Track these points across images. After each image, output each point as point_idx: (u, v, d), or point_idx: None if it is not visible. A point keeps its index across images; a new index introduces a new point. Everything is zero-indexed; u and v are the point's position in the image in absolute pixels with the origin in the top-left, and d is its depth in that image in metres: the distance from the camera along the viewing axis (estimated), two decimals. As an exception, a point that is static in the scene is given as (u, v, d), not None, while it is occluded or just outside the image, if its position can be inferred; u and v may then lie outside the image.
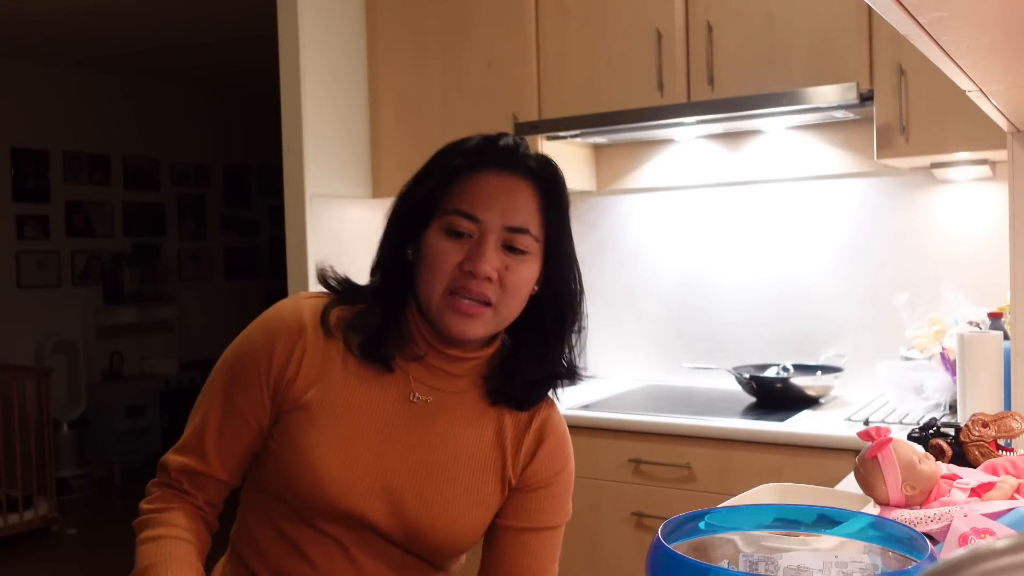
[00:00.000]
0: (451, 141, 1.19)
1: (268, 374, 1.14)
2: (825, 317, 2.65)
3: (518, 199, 1.12)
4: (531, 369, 1.19)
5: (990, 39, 0.90)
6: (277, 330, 1.15)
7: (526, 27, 2.74)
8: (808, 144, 2.65)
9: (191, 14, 4.75)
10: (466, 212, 1.11)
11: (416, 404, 1.17)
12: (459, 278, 1.10)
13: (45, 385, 4.73)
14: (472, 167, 1.13)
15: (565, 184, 1.18)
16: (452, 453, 1.16)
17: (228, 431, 1.16)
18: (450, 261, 1.10)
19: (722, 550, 1.00)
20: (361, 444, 1.13)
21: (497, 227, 1.11)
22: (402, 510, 1.13)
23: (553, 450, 1.22)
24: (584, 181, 2.93)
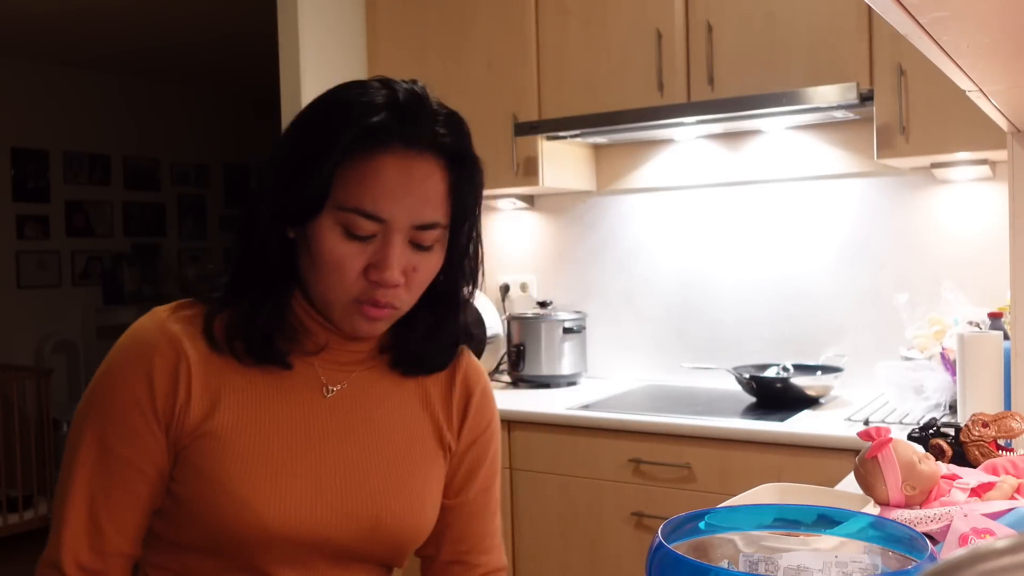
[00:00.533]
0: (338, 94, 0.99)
1: (153, 407, 0.96)
2: (825, 317, 2.65)
3: (427, 187, 0.96)
4: (421, 339, 1.07)
5: (990, 39, 0.90)
6: (147, 353, 0.98)
7: (526, 27, 2.74)
8: (808, 144, 2.65)
9: (191, 14, 4.75)
10: (369, 212, 0.93)
11: (332, 397, 1.04)
12: (366, 288, 0.96)
13: (45, 385, 4.73)
14: (372, 147, 0.93)
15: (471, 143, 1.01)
16: (386, 434, 1.06)
17: (120, 492, 0.97)
18: (353, 268, 0.95)
19: (722, 550, 1.00)
20: (287, 456, 0.99)
21: (404, 227, 0.95)
22: (356, 512, 1.02)
23: (480, 401, 1.14)
24: (584, 181, 2.93)
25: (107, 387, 1.00)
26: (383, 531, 1.03)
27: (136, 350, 0.99)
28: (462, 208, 1.00)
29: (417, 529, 1.07)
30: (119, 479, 0.97)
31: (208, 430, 0.98)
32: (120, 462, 0.97)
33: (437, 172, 0.97)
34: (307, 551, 1.00)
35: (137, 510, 0.99)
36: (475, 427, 1.14)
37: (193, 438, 0.98)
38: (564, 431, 2.41)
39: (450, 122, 0.99)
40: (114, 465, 0.98)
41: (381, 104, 0.95)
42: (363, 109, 0.94)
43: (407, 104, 0.96)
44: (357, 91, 0.98)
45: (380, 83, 0.99)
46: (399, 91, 0.97)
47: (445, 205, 0.98)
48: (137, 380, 0.98)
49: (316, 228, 0.95)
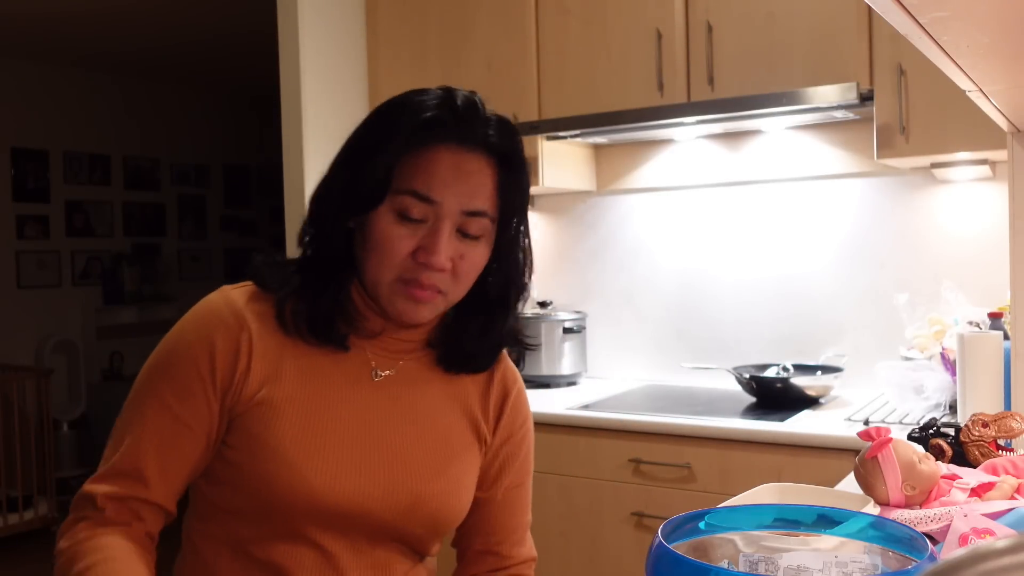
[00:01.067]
0: (400, 97, 1.08)
1: (212, 373, 1.03)
2: (825, 317, 2.65)
3: (476, 179, 1.04)
4: (473, 339, 1.14)
5: (990, 39, 0.90)
6: (214, 325, 1.05)
7: (526, 27, 2.74)
8: (808, 144, 2.65)
9: (191, 14, 4.75)
10: (423, 194, 1.01)
11: (380, 380, 1.11)
12: (412, 268, 1.03)
13: (45, 385, 4.73)
14: (429, 140, 1.03)
15: (522, 149, 1.10)
16: (428, 420, 1.12)
17: (169, 446, 1.03)
18: (403, 249, 1.02)
19: (722, 550, 1.00)
20: (335, 430, 1.06)
21: (454, 211, 1.03)
22: (399, 487, 1.08)
23: (516, 401, 1.21)
24: (584, 181, 2.93)
25: (171, 350, 1.06)
26: (421, 509, 1.09)
27: (202, 320, 1.06)
28: (509, 205, 1.07)
29: (452, 511, 1.13)
30: (170, 434, 1.03)
31: (264, 399, 1.04)
32: (174, 419, 1.03)
33: (487, 168, 1.05)
34: (349, 522, 1.05)
35: (181, 467, 1.04)
36: (510, 425, 1.20)
37: (249, 406, 1.04)
38: (564, 431, 2.41)
39: (501, 126, 1.08)
40: (168, 420, 1.03)
41: (439, 104, 1.04)
42: (422, 107, 1.04)
43: (463, 107, 1.05)
44: (418, 94, 1.07)
45: (442, 90, 1.08)
46: (457, 96, 1.06)
47: (493, 199, 1.06)
48: (200, 347, 1.04)
49: (375, 215, 1.03)
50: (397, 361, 1.12)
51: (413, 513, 1.09)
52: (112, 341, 6.09)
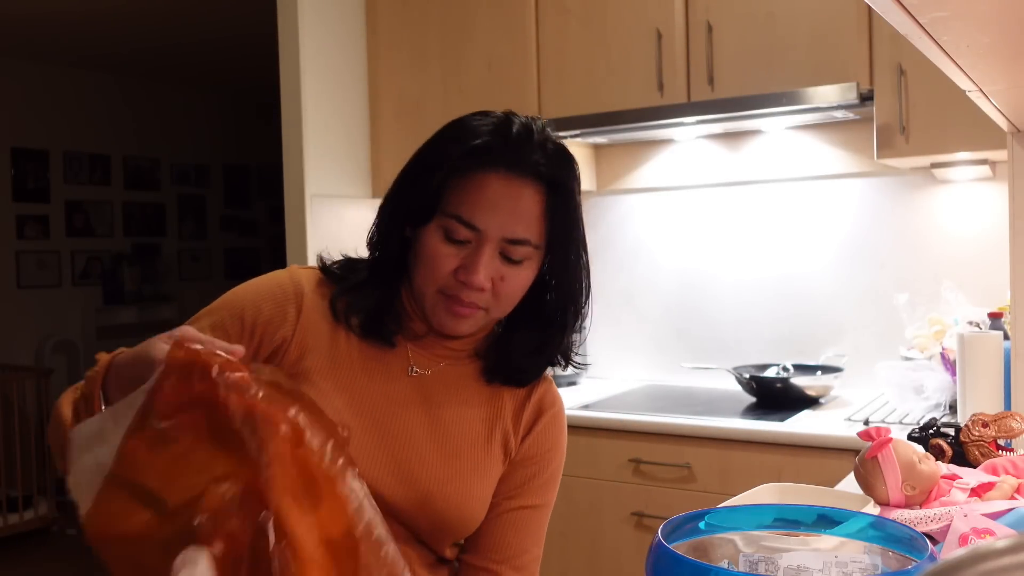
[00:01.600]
0: (462, 119, 1.14)
1: (254, 326, 1.09)
2: (825, 317, 2.65)
3: (521, 207, 1.07)
4: (524, 355, 1.18)
5: (990, 39, 0.90)
6: (272, 291, 1.12)
7: (526, 27, 2.74)
8: (808, 144, 2.65)
9: (191, 14, 4.75)
10: (466, 220, 1.06)
11: (415, 377, 1.15)
12: (453, 285, 1.08)
13: (45, 385, 4.73)
14: (478, 166, 1.07)
15: (577, 179, 1.13)
16: (455, 425, 1.15)
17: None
18: (446, 266, 1.08)
19: (722, 550, 1.00)
20: (360, 412, 1.10)
21: (496, 238, 1.07)
22: (411, 480, 1.10)
23: (549, 423, 1.22)
24: (584, 181, 2.90)
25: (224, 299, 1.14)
26: (431, 507, 1.11)
27: (262, 283, 1.14)
28: (556, 231, 1.10)
29: (462, 515, 1.14)
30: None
31: (302, 369, 1.09)
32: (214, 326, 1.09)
33: (534, 196, 1.08)
34: None
35: None
36: (537, 444, 1.20)
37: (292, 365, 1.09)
38: (576, 432, 2.41)
39: (556, 154, 1.11)
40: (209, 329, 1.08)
41: (493, 130, 1.09)
42: (475, 132, 1.09)
43: (517, 133, 1.09)
44: (477, 117, 1.12)
45: (503, 114, 1.13)
46: (514, 123, 1.11)
47: (539, 226, 1.09)
48: (249, 304, 1.11)
49: (425, 231, 1.09)
50: (437, 364, 1.17)
51: (423, 509, 1.11)
52: (112, 341, 6.07)
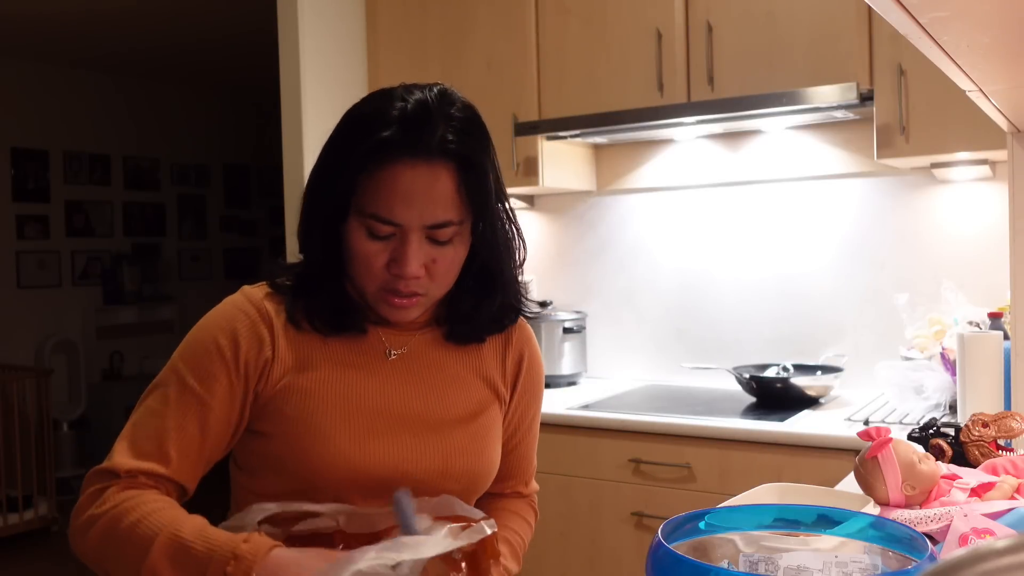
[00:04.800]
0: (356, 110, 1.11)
1: (236, 358, 1.08)
2: (825, 317, 2.65)
3: (436, 191, 1.04)
4: (476, 315, 1.20)
5: (990, 39, 0.90)
6: (237, 316, 1.11)
7: (526, 27, 2.74)
8: (808, 144, 2.65)
9: (191, 14, 4.75)
10: (384, 218, 1.04)
11: (394, 359, 1.16)
12: (388, 280, 1.08)
13: (45, 385, 4.73)
14: (384, 161, 1.04)
15: (487, 138, 1.12)
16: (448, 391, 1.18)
17: (190, 426, 1.07)
18: (377, 263, 1.07)
19: (722, 550, 1.00)
20: (361, 405, 1.12)
21: (417, 227, 1.05)
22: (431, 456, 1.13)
23: (532, 362, 1.28)
24: (584, 181, 2.93)
25: (195, 340, 1.11)
26: (453, 467, 1.14)
27: (226, 313, 1.12)
28: (476, 203, 1.08)
29: (483, 466, 1.19)
30: (192, 415, 1.07)
31: (292, 384, 1.10)
32: (197, 401, 1.07)
33: (445, 174, 1.05)
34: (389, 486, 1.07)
35: (202, 448, 1.08)
36: (528, 382, 1.28)
37: (278, 391, 1.10)
38: (564, 431, 2.41)
39: (461, 124, 1.07)
40: (190, 402, 1.07)
41: (393, 117, 1.04)
42: (376, 125, 1.05)
43: (415, 116, 1.04)
44: (375, 105, 1.08)
45: (401, 92, 1.08)
46: (410, 102, 1.06)
47: (457, 203, 1.07)
48: (223, 336, 1.09)
49: (347, 228, 1.08)
50: (409, 339, 1.18)
51: (447, 472, 1.14)
52: (112, 341, 6.09)
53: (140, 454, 1.06)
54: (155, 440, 1.06)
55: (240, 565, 0.95)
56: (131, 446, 1.07)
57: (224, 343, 1.09)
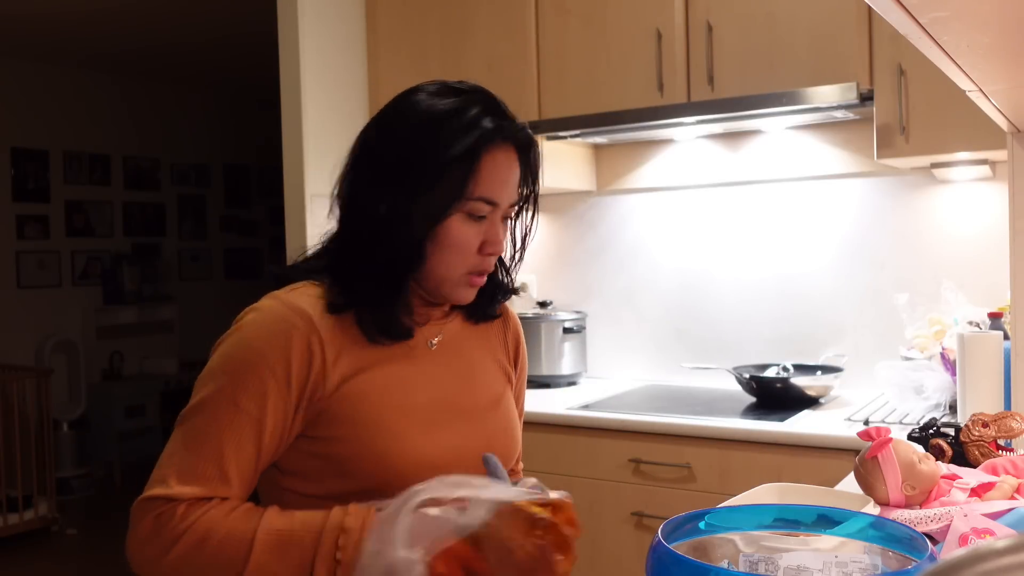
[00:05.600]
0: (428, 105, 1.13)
1: (288, 375, 1.07)
2: (825, 317, 2.65)
3: (516, 174, 1.15)
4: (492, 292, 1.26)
5: (990, 39, 0.90)
6: (283, 331, 1.08)
7: (526, 27, 2.74)
8: (808, 144, 2.65)
9: (192, 14, 4.75)
10: (488, 198, 1.12)
11: (434, 349, 1.20)
12: (478, 261, 1.14)
13: (45, 385, 4.73)
14: (487, 145, 1.11)
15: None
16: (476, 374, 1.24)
17: (246, 446, 1.06)
18: (474, 245, 1.13)
19: (722, 550, 1.00)
20: (415, 398, 1.15)
21: (506, 207, 1.15)
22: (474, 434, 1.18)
23: (521, 338, 1.36)
24: (584, 181, 2.93)
25: (241, 359, 1.08)
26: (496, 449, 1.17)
27: (271, 327, 1.09)
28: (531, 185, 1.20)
29: (515, 443, 1.27)
30: (248, 435, 1.06)
31: (349, 389, 1.10)
32: (251, 421, 1.06)
33: (516, 159, 1.15)
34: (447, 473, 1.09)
35: (258, 464, 1.08)
36: (522, 360, 1.36)
37: (335, 398, 1.10)
38: (564, 431, 2.41)
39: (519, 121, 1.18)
40: (245, 423, 1.06)
41: (479, 109, 1.12)
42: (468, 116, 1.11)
43: (495, 106, 1.15)
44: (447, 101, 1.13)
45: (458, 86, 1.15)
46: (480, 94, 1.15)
47: (520, 184, 1.18)
48: (272, 351, 1.07)
49: (450, 220, 1.12)
50: (442, 327, 1.22)
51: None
52: (112, 341, 6.09)
53: (200, 479, 1.04)
54: (215, 463, 1.04)
55: (350, 537, 0.98)
56: (189, 471, 1.04)
57: (274, 359, 1.07)
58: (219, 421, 1.06)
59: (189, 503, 1.03)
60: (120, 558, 1.14)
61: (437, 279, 1.14)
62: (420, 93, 1.15)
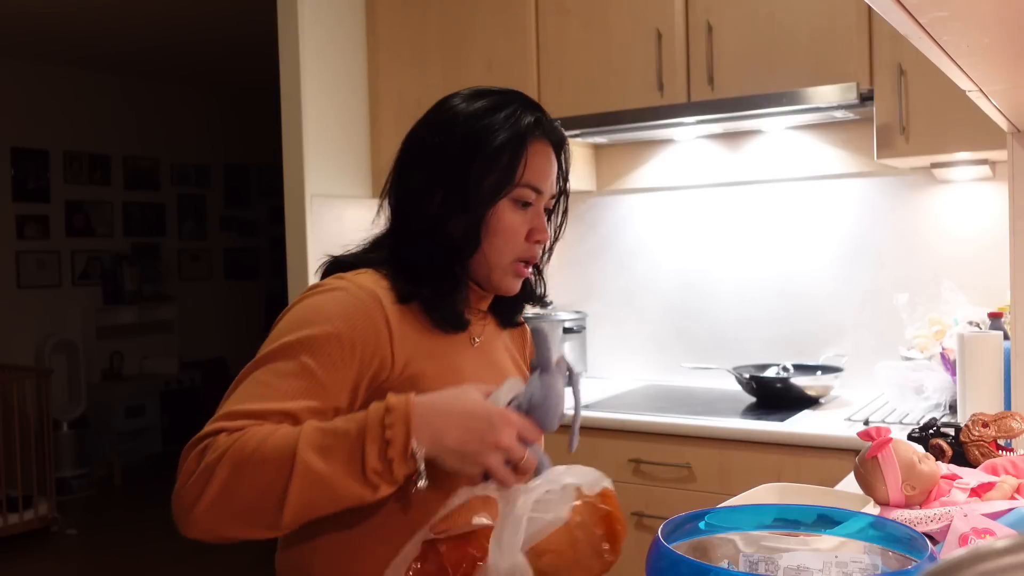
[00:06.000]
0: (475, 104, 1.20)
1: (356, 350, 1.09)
2: (825, 317, 2.65)
3: (554, 168, 1.23)
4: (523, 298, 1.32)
5: (990, 39, 0.90)
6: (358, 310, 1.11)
7: (526, 27, 2.74)
8: (808, 144, 2.65)
9: (192, 14, 4.75)
10: (535, 186, 1.19)
11: (477, 346, 1.26)
12: (525, 249, 1.20)
13: (45, 385, 4.73)
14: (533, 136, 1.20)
15: None
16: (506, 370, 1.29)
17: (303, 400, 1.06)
18: (521, 232, 1.20)
19: (722, 550, 1.00)
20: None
21: (548, 195, 1.22)
22: None
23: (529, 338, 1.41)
24: (584, 181, 2.93)
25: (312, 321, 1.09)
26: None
27: (346, 303, 1.11)
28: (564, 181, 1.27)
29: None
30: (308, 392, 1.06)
31: (410, 373, 1.14)
32: (313, 379, 1.07)
33: (553, 154, 1.24)
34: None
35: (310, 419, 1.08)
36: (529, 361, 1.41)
37: (401, 381, 1.13)
38: (564, 431, 2.40)
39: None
40: (307, 379, 1.06)
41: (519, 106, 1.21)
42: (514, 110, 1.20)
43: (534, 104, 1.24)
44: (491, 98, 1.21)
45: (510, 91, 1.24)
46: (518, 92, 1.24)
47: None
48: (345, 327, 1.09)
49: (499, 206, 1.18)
50: (483, 327, 1.29)
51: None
52: (112, 341, 6.09)
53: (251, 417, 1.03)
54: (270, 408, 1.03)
55: (396, 413, 0.98)
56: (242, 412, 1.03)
57: (346, 332, 1.09)
58: (280, 373, 1.06)
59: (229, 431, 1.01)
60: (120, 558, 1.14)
61: (488, 267, 1.20)
62: (459, 95, 1.23)
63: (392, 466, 0.98)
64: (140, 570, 4.00)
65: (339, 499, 0.99)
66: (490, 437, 0.99)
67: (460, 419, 1.00)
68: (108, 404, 5.73)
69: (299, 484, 0.96)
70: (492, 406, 1.02)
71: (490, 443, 1.00)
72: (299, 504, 0.97)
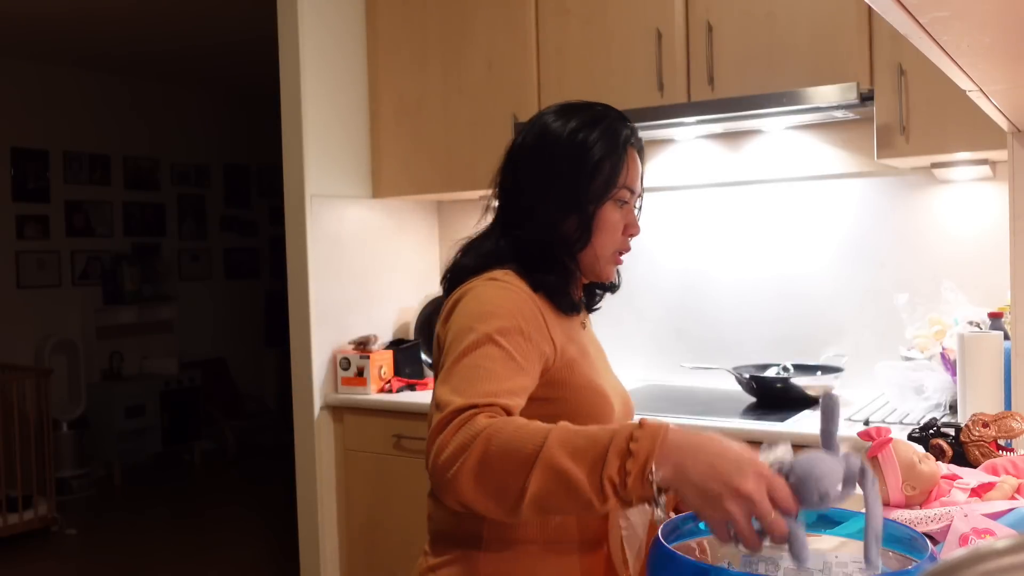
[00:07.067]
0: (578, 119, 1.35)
1: (534, 339, 1.22)
2: (825, 317, 2.65)
3: (641, 172, 1.41)
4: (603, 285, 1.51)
5: (990, 39, 0.90)
6: (528, 305, 1.25)
7: (526, 27, 2.74)
8: (808, 144, 2.65)
9: (192, 14, 4.76)
10: (631, 188, 1.37)
11: (585, 328, 1.44)
12: (623, 241, 1.39)
13: (45, 385, 4.73)
14: (629, 145, 1.37)
15: None
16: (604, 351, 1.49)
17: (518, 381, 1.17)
18: (620, 228, 1.37)
19: (722, 550, 1.00)
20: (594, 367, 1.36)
21: (637, 194, 1.40)
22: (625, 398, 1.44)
23: None
24: (584, 181, 2.93)
25: (495, 315, 1.21)
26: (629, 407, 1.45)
27: (518, 300, 1.25)
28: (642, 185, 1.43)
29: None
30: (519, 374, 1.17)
31: (568, 357, 1.30)
32: (518, 367, 1.18)
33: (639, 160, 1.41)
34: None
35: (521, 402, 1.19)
36: None
37: (562, 366, 1.28)
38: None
39: None
40: (515, 365, 1.18)
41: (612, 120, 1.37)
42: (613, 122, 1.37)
43: (623, 114, 1.40)
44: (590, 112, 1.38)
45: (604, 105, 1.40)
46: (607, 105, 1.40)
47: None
48: (524, 322, 1.22)
49: (605, 206, 1.35)
50: (585, 313, 1.46)
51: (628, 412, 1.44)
52: (112, 341, 6.09)
53: (488, 396, 1.11)
54: (498, 386, 1.12)
55: (645, 432, 0.98)
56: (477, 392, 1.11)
57: (523, 326, 1.22)
58: (491, 358, 1.16)
59: (481, 409, 1.08)
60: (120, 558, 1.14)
61: (593, 258, 1.37)
62: (551, 113, 1.39)
63: (627, 480, 0.97)
64: (140, 570, 4.00)
65: (572, 499, 0.99)
66: (735, 481, 0.92)
67: (709, 456, 0.96)
68: (108, 404, 5.73)
69: (541, 474, 0.99)
70: (748, 452, 0.97)
71: (733, 487, 0.92)
72: (538, 494, 1.00)
